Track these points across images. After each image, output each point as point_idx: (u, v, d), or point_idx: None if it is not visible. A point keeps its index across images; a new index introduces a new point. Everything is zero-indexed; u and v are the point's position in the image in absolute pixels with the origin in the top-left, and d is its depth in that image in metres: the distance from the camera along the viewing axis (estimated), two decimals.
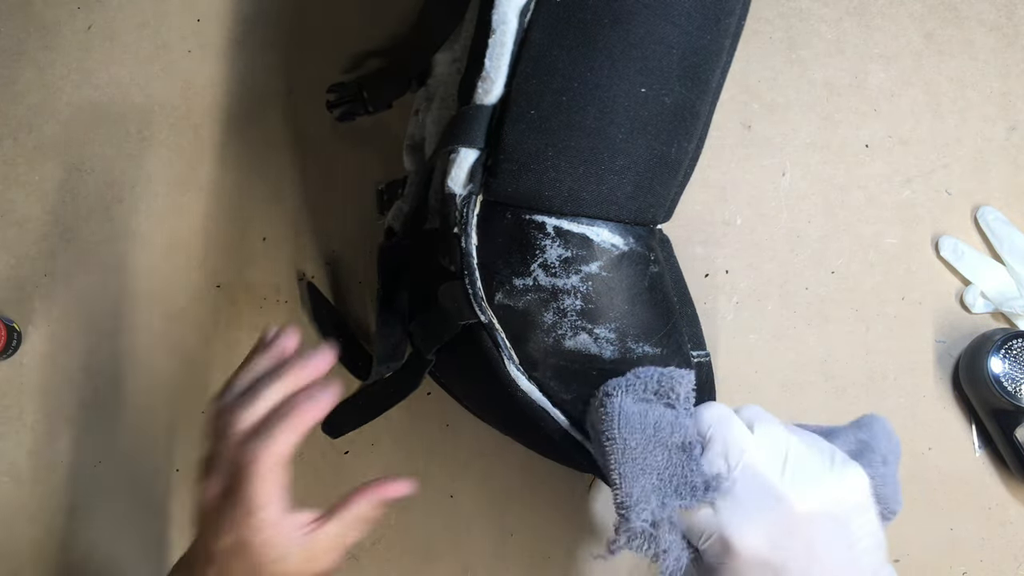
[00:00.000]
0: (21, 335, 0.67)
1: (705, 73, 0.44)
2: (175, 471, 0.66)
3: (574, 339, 0.42)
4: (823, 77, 0.70)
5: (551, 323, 0.42)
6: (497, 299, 0.42)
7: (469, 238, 0.42)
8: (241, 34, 0.71)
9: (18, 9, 0.72)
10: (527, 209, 0.42)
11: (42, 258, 0.69)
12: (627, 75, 0.41)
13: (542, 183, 0.41)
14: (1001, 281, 0.66)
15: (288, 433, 0.40)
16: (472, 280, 0.42)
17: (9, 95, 0.71)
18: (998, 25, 0.71)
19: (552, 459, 0.63)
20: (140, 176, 0.70)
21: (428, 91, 0.57)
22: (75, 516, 0.66)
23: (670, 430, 0.38)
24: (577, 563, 0.64)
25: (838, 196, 0.68)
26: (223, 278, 0.68)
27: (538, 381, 0.44)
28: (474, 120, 0.42)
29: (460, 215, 0.42)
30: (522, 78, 0.41)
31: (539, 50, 0.41)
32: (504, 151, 0.42)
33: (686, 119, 0.44)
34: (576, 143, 0.41)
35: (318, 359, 0.42)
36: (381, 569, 0.64)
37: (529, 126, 0.41)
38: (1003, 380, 0.61)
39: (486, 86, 0.42)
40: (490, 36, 0.41)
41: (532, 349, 0.43)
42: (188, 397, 0.67)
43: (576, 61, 0.41)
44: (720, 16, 0.43)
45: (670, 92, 0.42)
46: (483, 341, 0.43)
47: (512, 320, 0.42)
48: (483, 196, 0.43)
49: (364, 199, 0.68)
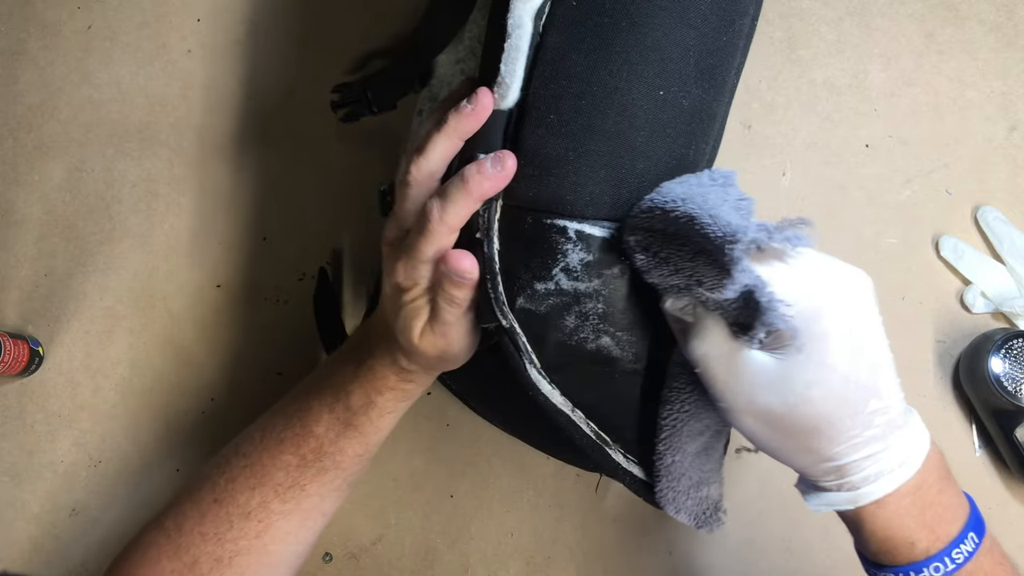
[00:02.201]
0: (43, 359, 0.67)
1: (721, 74, 0.44)
2: (175, 471, 0.66)
3: (596, 342, 0.42)
4: (823, 77, 0.70)
5: (573, 327, 0.42)
6: (519, 303, 0.42)
7: (492, 243, 0.42)
8: (241, 34, 0.71)
9: (18, 9, 0.72)
10: (548, 213, 0.42)
11: (42, 258, 0.69)
12: (646, 78, 0.41)
13: (564, 187, 0.41)
14: (1001, 281, 0.66)
15: (463, 201, 0.40)
16: (495, 285, 0.42)
17: (9, 95, 0.71)
18: (998, 25, 0.71)
19: (563, 459, 0.63)
20: (140, 176, 0.70)
21: (431, 91, 0.56)
22: (75, 516, 0.66)
23: (725, 181, 0.39)
24: (577, 563, 0.64)
25: (838, 196, 0.68)
26: (223, 278, 0.68)
27: (559, 384, 0.44)
28: (491, 125, 0.42)
29: (482, 220, 0.42)
30: (540, 82, 0.41)
31: (557, 54, 0.41)
32: (525, 156, 0.41)
33: (703, 121, 0.44)
34: (597, 147, 0.41)
35: (477, 100, 0.41)
36: (381, 569, 0.64)
37: (549, 131, 0.41)
38: (1003, 380, 0.61)
39: (501, 91, 0.42)
40: (505, 40, 0.41)
41: (553, 352, 0.43)
42: (188, 397, 0.67)
43: (595, 65, 0.41)
44: (735, 17, 0.43)
45: (688, 94, 0.42)
46: (504, 345, 0.43)
47: (533, 324, 0.42)
48: (503, 201, 0.42)
49: (365, 199, 0.68)
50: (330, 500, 0.48)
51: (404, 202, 0.43)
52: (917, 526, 0.37)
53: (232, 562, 0.45)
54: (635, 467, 0.46)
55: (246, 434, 0.49)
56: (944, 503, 0.38)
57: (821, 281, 0.37)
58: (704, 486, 0.45)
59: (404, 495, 0.65)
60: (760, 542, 0.63)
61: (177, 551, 0.45)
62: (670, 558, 0.63)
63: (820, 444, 0.37)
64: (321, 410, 0.47)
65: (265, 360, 0.67)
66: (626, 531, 0.64)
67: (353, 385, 0.47)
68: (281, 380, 0.67)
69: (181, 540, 0.45)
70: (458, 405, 0.65)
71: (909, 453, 0.37)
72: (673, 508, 0.45)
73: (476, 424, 0.65)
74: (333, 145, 0.69)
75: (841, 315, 0.36)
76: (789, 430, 0.37)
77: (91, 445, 0.67)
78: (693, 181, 0.40)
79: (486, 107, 0.41)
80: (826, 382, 0.35)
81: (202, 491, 0.47)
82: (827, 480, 0.38)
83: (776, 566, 0.63)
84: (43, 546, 0.65)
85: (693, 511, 0.45)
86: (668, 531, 0.64)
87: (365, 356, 0.47)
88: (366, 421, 0.47)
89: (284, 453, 0.46)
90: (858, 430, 0.36)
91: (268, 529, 0.46)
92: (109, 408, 0.67)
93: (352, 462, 0.48)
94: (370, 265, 0.68)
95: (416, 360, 0.45)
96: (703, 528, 0.46)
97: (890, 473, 0.37)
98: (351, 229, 0.69)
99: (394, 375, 0.46)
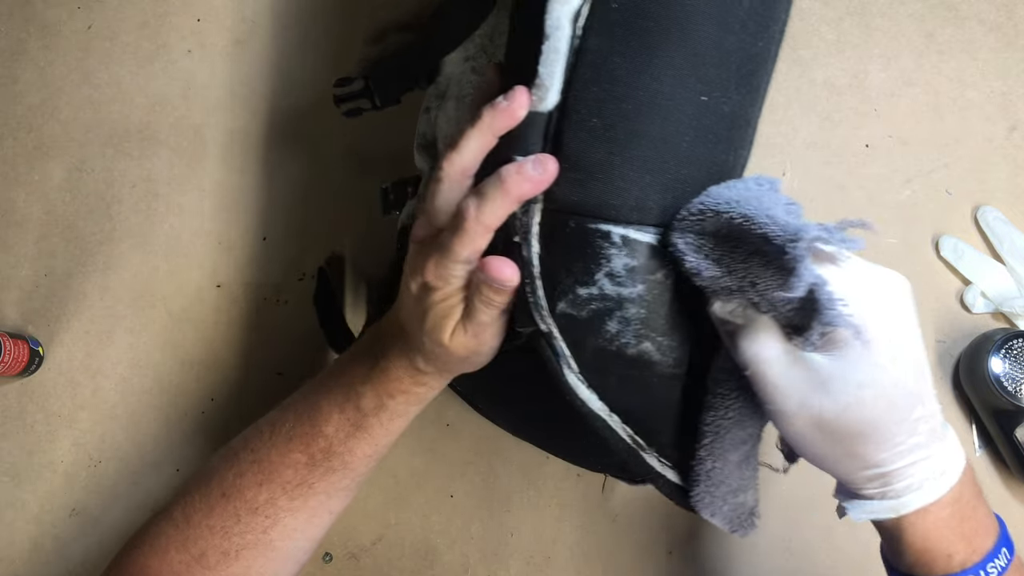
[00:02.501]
0: (43, 359, 0.67)
1: (757, 80, 0.44)
2: (175, 471, 0.66)
3: (637, 347, 0.42)
4: (823, 77, 0.70)
5: (614, 332, 0.41)
6: (560, 308, 0.41)
7: (531, 247, 0.42)
8: (241, 34, 0.71)
9: (18, 9, 0.72)
10: (592, 218, 0.41)
11: (42, 258, 0.69)
12: (689, 83, 0.41)
13: (608, 192, 0.41)
14: (1001, 281, 0.66)
15: (500, 201, 0.40)
16: (534, 289, 0.42)
17: (9, 95, 0.71)
18: (998, 25, 0.71)
19: (584, 465, 0.62)
20: (140, 176, 0.70)
21: (438, 88, 0.56)
22: (75, 516, 0.66)
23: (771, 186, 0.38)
24: (577, 563, 0.64)
25: (838, 196, 0.68)
26: (223, 278, 0.68)
27: (597, 389, 0.43)
28: (528, 128, 0.41)
29: (520, 224, 0.42)
30: (581, 85, 0.41)
31: (599, 57, 0.40)
32: (567, 160, 0.41)
33: (742, 127, 0.44)
34: (642, 152, 0.41)
35: (514, 97, 0.41)
36: (381, 569, 0.64)
37: (592, 135, 0.41)
38: (1003, 380, 0.61)
39: (540, 93, 0.41)
40: (543, 42, 0.40)
41: (592, 357, 0.42)
42: (188, 397, 0.67)
43: (639, 69, 0.40)
44: (769, 23, 0.43)
45: (728, 100, 0.42)
46: (541, 349, 0.43)
47: (573, 328, 0.42)
48: (544, 204, 0.42)
49: (366, 199, 0.68)
50: (337, 499, 0.48)
51: (435, 199, 0.43)
52: (956, 538, 0.37)
53: (239, 556, 0.45)
54: (669, 471, 0.46)
55: (255, 428, 0.49)
56: (978, 517, 0.38)
57: (869, 284, 0.37)
58: (741, 492, 0.45)
59: (404, 495, 0.65)
60: (760, 542, 0.63)
61: (185, 543, 0.45)
62: (670, 558, 0.63)
63: (867, 449, 0.37)
64: (331, 410, 0.47)
65: (265, 360, 0.67)
66: (626, 531, 0.64)
67: (365, 387, 0.46)
68: (281, 380, 0.67)
69: (189, 532, 0.46)
70: (458, 405, 0.65)
71: (949, 463, 0.37)
72: (709, 512, 0.45)
73: (476, 424, 0.65)
74: (333, 145, 0.69)
75: (888, 319, 0.36)
76: (838, 434, 0.37)
77: (91, 445, 0.67)
78: (740, 186, 0.40)
79: (523, 104, 0.41)
80: (878, 383, 0.36)
81: (210, 484, 0.47)
82: (870, 488, 0.38)
83: (776, 566, 0.63)
84: (43, 546, 0.65)
85: (728, 516, 0.45)
86: (668, 531, 0.64)
87: (378, 358, 0.47)
88: (376, 423, 0.47)
89: (293, 451, 0.46)
90: (903, 436, 0.36)
91: (275, 525, 0.46)
92: (109, 408, 0.67)
93: (361, 463, 0.47)
94: (370, 281, 0.68)
95: (436, 362, 0.45)
96: (737, 532, 0.46)
97: (931, 482, 0.37)
98: (351, 229, 0.69)
99: (408, 377, 0.46)
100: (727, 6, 0.41)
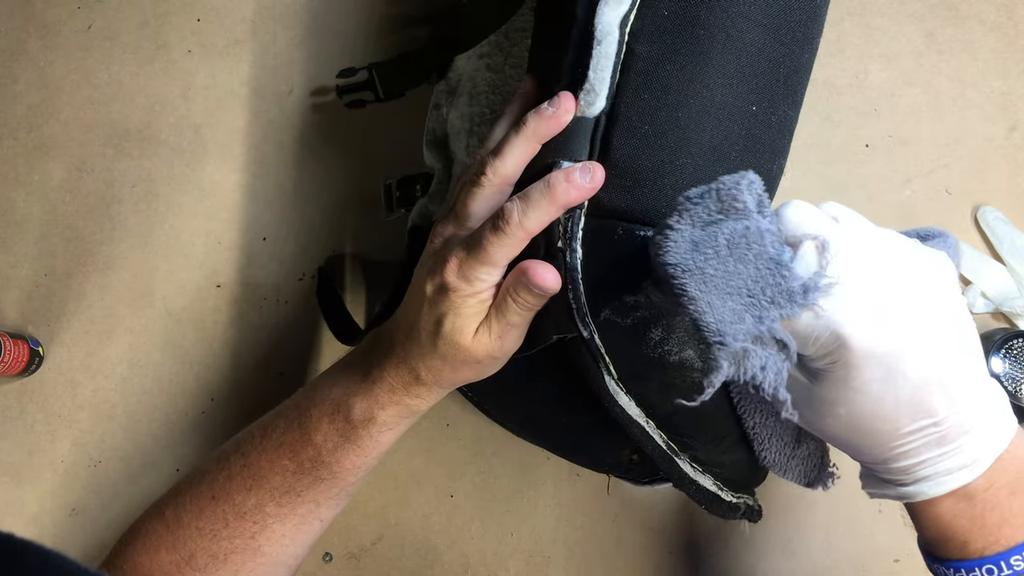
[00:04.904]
0: (43, 359, 0.67)
1: (801, 90, 0.44)
2: (175, 471, 0.66)
3: (680, 354, 0.41)
4: (823, 77, 0.70)
5: (658, 339, 0.41)
6: (604, 314, 0.41)
7: (574, 252, 0.41)
8: (241, 34, 0.71)
9: (18, 9, 0.72)
10: (642, 225, 0.41)
11: (42, 258, 0.69)
12: (741, 93, 0.40)
13: (659, 200, 0.40)
14: (1001, 281, 0.66)
15: (546, 207, 0.39)
16: (576, 294, 0.41)
17: (9, 95, 0.71)
18: (998, 25, 0.71)
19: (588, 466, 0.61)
20: (140, 176, 0.70)
21: (448, 85, 0.55)
22: (75, 516, 0.66)
23: (747, 242, 0.35)
24: (577, 563, 0.64)
25: (838, 196, 0.68)
26: (223, 278, 0.68)
27: (636, 396, 0.43)
28: (575, 132, 0.41)
29: (564, 229, 0.41)
30: (631, 92, 0.40)
31: (649, 64, 0.40)
32: (615, 166, 0.40)
33: (785, 136, 0.44)
34: (693, 160, 0.40)
35: (560, 104, 0.41)
36: (381, 569, 0.64)
37: (643, 141, 0.40)
38: (1003, 380, 0.61)
39: (589, 98, 0.41)
40: (594, 47, 0.40)
41: (633, 364, 0.42)
42: (188, 397, 0.67)
43: (691, 77, 0.40)
44: (814, 35, 0.43)
45: (775, 110, 0.42)
46: (580, 355, 0.42)
47: (616, 335, 0.41)
48: (589, 210, 0.41)
49: (366, 198, 0.68)
50: (327, 507, 0.48)
51: (472, 202, 0.42)
52: (974, 527, 0.37)
53: (228, 559, 0.45)
54: (701, 477, 0.45)
55: (247, 432, 0.49)
56: (1014, 508, 0.37)
57: (876, 297, 0.36)
58: (804, 443, 0.45)
59: (404, 495, 0.65)
60: (760, 542, 0.63)
61: (175, 543, 0.45)
62: (670, 558, 0.63)
63: (860, 452, 0.38)
64: (321, 418, 0.46)
65: (265, 360, 0.67)
66: (626, 531, 0.64)
67: (356, 397, 0.46)
68: (281, 380, 0.67)
69: (179, 532, 0.45)
70: (458, 405, 0.65)
71: (979, 454, 0.36)
72: (780, 470, 0.45)
73: (476, 424, 0.65)
74: (333, 144, 0.69)
75: (889, 335, 0.35)
76: (827, 437, 0.39)
77: (91, 445, 0.67)
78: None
79: (569, 110, 0.41)
80: (852, 402, 0.36)
81: (201, 486, 0.47)
82: (880, 470, 0.39)
83: (776, 566, 0.63)
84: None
85: (798, 471, 0.46)
86: (668, 531, 0.64)
87: (372, 367, 0.46)
88: (365, 435, 0.46)
89: (282, 457, 0.46)
90: (902, 441, 0.36)
91: (263, 531, 0.46)
92: (109, 408, 0.67)
93: (350, 473, 0.47)
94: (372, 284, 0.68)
95: (439, 371, 0.44)
96: (815, 486, 0.46)
97: (948, 475, 0.36)
98: (351, 229, 0.69)
99: (402, 388, 0.45)
100: (777, 17, 0.41)
